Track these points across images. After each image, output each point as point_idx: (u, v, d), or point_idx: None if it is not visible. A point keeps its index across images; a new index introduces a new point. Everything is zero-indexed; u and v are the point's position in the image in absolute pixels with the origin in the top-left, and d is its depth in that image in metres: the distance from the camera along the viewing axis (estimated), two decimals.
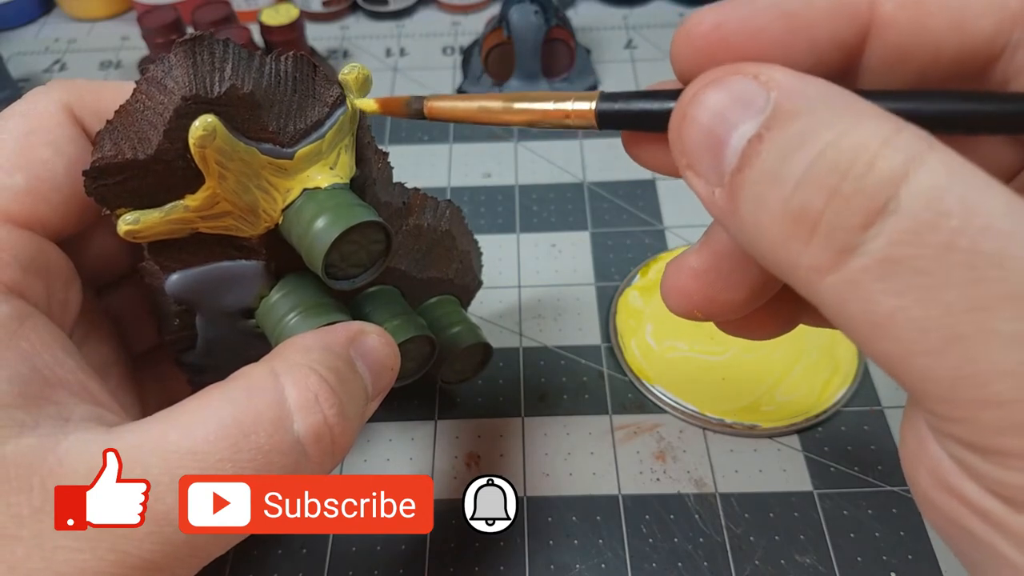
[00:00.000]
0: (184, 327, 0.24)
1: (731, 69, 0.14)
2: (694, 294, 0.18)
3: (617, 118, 0.16)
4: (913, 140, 0.12)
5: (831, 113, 0.13)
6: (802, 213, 0.12)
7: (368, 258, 0.23)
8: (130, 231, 0.21)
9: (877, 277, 0.12)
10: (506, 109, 0.17)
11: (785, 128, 0.13)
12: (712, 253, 0.17)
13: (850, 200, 0.12)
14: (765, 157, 0.13)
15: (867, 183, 0.12)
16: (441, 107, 0.19)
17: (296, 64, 0.21)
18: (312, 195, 0.22)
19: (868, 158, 0.12)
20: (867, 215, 0.12)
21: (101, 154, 0.20)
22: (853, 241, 0.12)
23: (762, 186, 0.13)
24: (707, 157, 0.14)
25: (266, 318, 0.24)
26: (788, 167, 0.12)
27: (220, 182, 0.20)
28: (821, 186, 0.12)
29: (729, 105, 0.13)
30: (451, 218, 0.28)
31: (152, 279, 0.23)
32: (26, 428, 0.17)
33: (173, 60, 0.19)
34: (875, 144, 0.12)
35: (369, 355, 0.22)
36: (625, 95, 0.16)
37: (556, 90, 0.49)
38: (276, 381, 0.19)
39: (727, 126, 0.13)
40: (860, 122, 0.12)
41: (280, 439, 0.18)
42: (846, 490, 0.30)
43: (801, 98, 0.13)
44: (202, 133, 0.19)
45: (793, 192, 0.12)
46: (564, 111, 0.17)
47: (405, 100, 0.20)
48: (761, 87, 0.13)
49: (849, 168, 0.12)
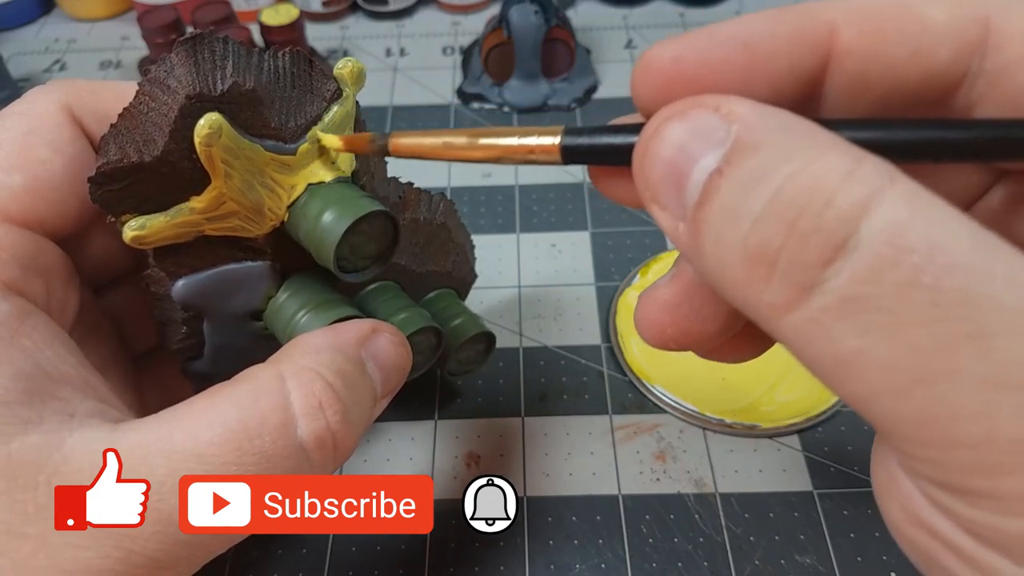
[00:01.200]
0: (191, 334, 0.24)
1: (691, 102, 0.14)
2: (667, 327, 0.17)
3: (582, 153, 0.16)
4: (874, 173, 0.12)
5: (791, 146, 0.12)
6: (761, 251, 0.12)
7: (376, 249, 0.23)
8: (136, 237, 0.21)
9: (839, 316, 0.12)
10: (470, 145, 0.17)
11: (744, 162, 0.12)
12: (683, 285, 0.17)
13: (808, 237, 0.12)
14: (724, 192, 0.13)
15: (826, 219, 0.11)
16: (405, 144, 0.19)
17: (293, 60, 0.21)
18: (317, 190, 0.22)
19: (827, 193, 0.12)
20: (827, 252, 0.11)
21: (106, 159, 0.19)
22: (813, 279, 0.12)
23: (722, 222, 0.13)
24: (670, 191, 0.14)
25: (275, 318, 0.24)
26: (746, 203, 0.12)
27: (226, 181, 0.20)
28: (779, 223, 0.12)
29: (690, 139, 0.13)
30: (445, 211, 0.28)
31: (158, 286, 0.23)
32: (31, 425, 0.17)
33: (175, 60, 0.19)
34: (835, 178, 0.12)
35: (380, 355, 0.22)
36: (589, 130, 0.16)
37: (556, 89, 0.49)
38: (282, 385, 0.19)
39: (688, 160, 0.13)
40: (820, 155, 0.12)
41: (284, 444, 0.18)
42: (846, 490, 0.30)
43: (761, 131, 0.13)
44: (208, 131, 0.19)
45: (751, 229, 0.12)
46: (528, 146, 0.16)
47: (369, 137, 0.20)
48: (722, 120, 0.13)
49: (807, 204, 0.12)
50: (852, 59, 0.14)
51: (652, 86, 0.15)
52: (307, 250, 0.22)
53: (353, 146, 0.21)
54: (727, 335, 0.18)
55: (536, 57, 0.48)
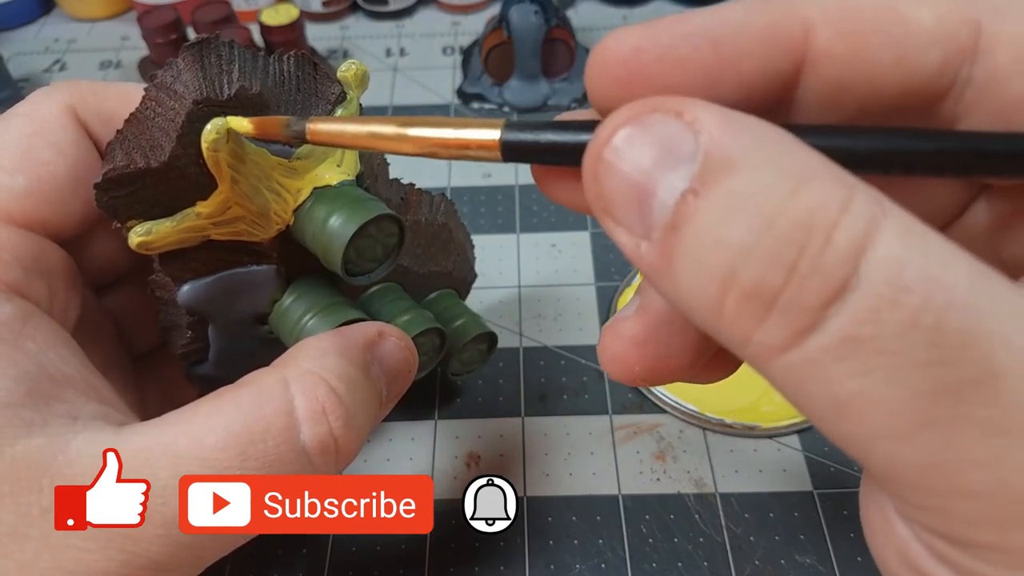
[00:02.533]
0: (196, 338, 0.24)
1: (651, 105, 0.12)
2: (635, 364, 0.16)
3: (524, 150, 0.14)
4: (868, 204, 0.11)
5: (773, 167, 0.11)
6: (757, 289, 0.11)
7: (383, 252, 0.23)
8: (142, 243, 0.20)
9: (838, 357, 0.11)
10: (399, 136, 0.15)
11: (723, 184, 0.11)
12: (651, 320, 0.16)
13: (808, 279, 0.11)
14: (704, 218, 0.11)
15: (826, 260, 0.11)
16: (325, 130, 0.17)
17: (298, 64, 0.21)
18: (323, 193, 0.22)
19: (826, 230, 0.11)
20: (827, 294, 0.11)
21: (113, 165, 0.19)
22: (813, 320, 0.11)
23: (704, 249, 0.12)
24: (630, 206, 0.12)
25: (281, 322, 0.24)
26: (733, 233, 0.11)
27: (233, 186, 0.20)
28: (778, 261, 0.11)
29: (652, 150, 0.12)
30: (446, 212, 0.29)
31: (163, 291, 0.23)
32: (35, 427, 0.17)
33: (181, 64, 0.19)
34: (832, 212, 0.11)
35: (386, 359, 0.22)
36: (533, 125, 0.14)
37: (556, 89, 0.49)
38: (286, 389, 0.19)
39: (651, 176, 0.12)
40: (810, 182, 0.11)
41: (287, 449, 0.18)
42: (846, 490, 0.30)
43: (734, 146, 0.11)
44: (215, 136, 0.19)
45: (745, 263, 0.11)
46: (464, 140, 0.15)
47: (284, 121, 0.18)
48: (687, 128, 0.12)
49: (807, 243, 0.11)
50: (829, 63, 0.13)
51: (608, 79, 0.13)
52: (313, 254, 0.22)
53: (264, 130, 0.18)
54: (697, 366, 0.17)
55: (536, 57, 0.48)
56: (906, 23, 0.13)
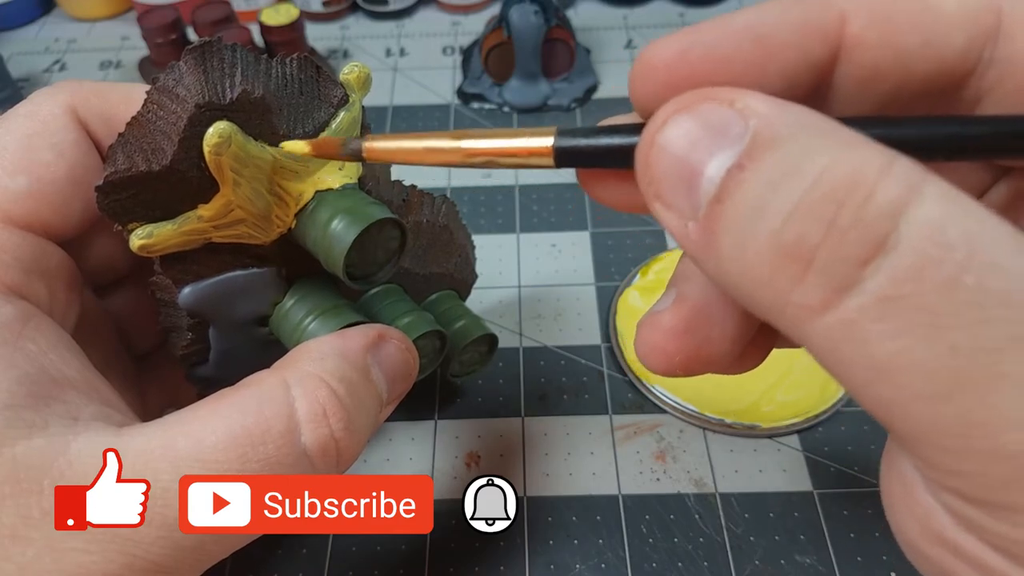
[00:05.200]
0: (197, 340, 0.24)
1: (702, 95, 0.13)
2: (674, 355, 0.16)
3: (576, 155, 0.15)
4: (909, 170, 0.11)
5: (817, 141, 0.12)
6: (796, 247, 0.11)
7: (385, 255, 0.23)
8: (144, 246, 0.20)
9: (876, 317, 0.11)
10: (454, 149, 0.16)
11: (769, 156, 0.12)
12: (688, 310, 0.16)
13: (848, 234, 0.11)
14: (749, 186, 0.12)
15: (866, 215, 0.11)
16: (381, 148, 0.17)
17: (301, 66, 0.21)
18: (325, 197, 0.22)
19: (867, 188, 0.11)
20: (866, 250, 0.11)
21: (114, 168, 0.19)
22: (852, 277, 0.11)
23: (747, 218, 0.12)
24: (678, 188, 0.13)
25: (281, 325, 0.24)
26: (777, 197, 0.12)
27: (234, 189, 0.20)
28: (816, 218, 0.11)
29: (703, 133, 0.12)
30: (447, 213, 0.28)
31: (164, 293, 0.23)
32: (36, 428, 0.17)
33: (183, 68, 0.19)
34: (872, 173, 0.11)
35: (387, 362, 0.22)
36: (584, 131, 0.15)
37: (556, 89, 0.49)
38: (287, 392, 0.19)
39: (701, 155, 0.12)
40: (851, 150, 0.12)
41: (288, 451, 0.18)
42: (846, 490, 0.30)
43: (782, 126, 0.12)
44: (217, 140, 0.19)
45: (784, 224, 0.11)
46: (518, 149, 0.15)
47: (340, 141, 0.18)
48: (737, 114, 0.12)
49: (846, 199, 0.11)
50: (862, 50, 0.14)
51: (654, 84, 0.14)
52: (315, 257, 0.22)
53: (322, 151, 0.19)
54: (734, 355, 0.17)
55: (536, 57, 0.48)
56: (932, 9, 0.14)
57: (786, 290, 0.12)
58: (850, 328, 0.11)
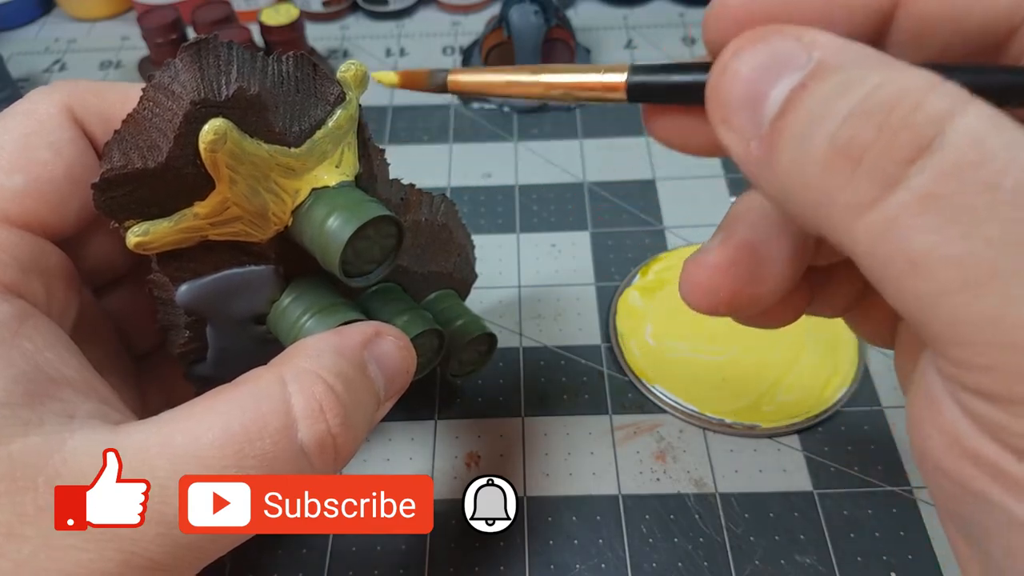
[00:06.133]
0: (195, 338, 0.24)
1: (773, 29, 0.14)
2: (720, 289, 0.18)
3: (648, 90, 0.16)
4: (955, 90, 0.12)
5: (874, 66, 0.13)
6: (848, 147, 0.12)
7: (381, 253, 0.23)
8: (140, 243, 0.20)
9: (918, 212, 0.12)
10: (533, 82, 0.17)
11: (828, 78, 0.13)
12: (734, 248, 0.17)
13: (897, 134, 0.12)
14: (810, 100, 0.13)
15: (914, 120, 0.12)
16: (465, 80, 0.18)
17: (297, 64, 0.21)
18: (321, 194, 0.22)
19: (915, 99, 0.12)
20: (913, 149, 0.12)
21: (110, 165, 0.19)
22: (898, 175, 0.12)
23: (805, 127, 0.13)
24: (745, 109, 0.14)
25: (279, 322, 0.24)
26: (834, 106, 0.13)
27: (231, 187, 0.20)
28: (869, 121, 0.12)
29: (772, 61, 0.14)
30: (446, 212, 0.28)
31: (161, 291, 0.23)
32: (31, 426, 0.17)
33: (179, 65, 0.19)
34: (921, 89, 0.12)
35: (384, 359, 0.22)
36: (655, 67, 0.16)
37: None
38: (283, 388, 0.19)
39: (769, 79, 0.14)
40: (905, 71, 0.13)
41: (285, 447, 0.18)
42: (846, 490, 0.30)
43: (844, 55, 0.13)
44: (213, 137, 0.19)
45: (839, 127, 0.12)
46: (594, 83, 0.16)
47: (427, 73, 0.19)
48: (803, 48, 0.13)
49: (896, 106, 0.12)
50: (920, 2, 0.15)
51: (727, 23, 0.15)
52: (312, 254, 0.22)
53: (409, 82, 0.20)
54: (775, 298, 0.18)
55: (536, 57, 0.48)
56: None
57: (837, 189, 0.13)
58: (893, 224, 0.12)
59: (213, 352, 0.25)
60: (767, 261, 0.17)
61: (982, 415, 0.13)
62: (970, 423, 0.13)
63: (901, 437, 0.32)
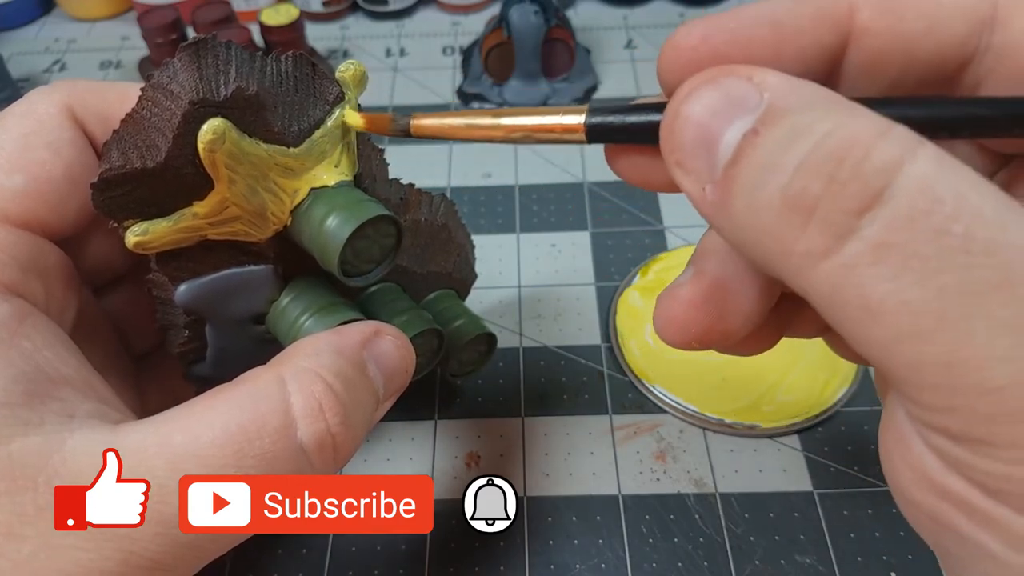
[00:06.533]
0: (194, 338, 0.24)
1: (724, 70, 0.14)
2: (691, 325, 0.18)
3: (606, 131, 0.16)
4: (905, 135, 0.12)
5: (824, 110, 0.13)
6: (799, 199, 0.12)
7: (380, 253, 0.23)
8: (139, 243, 0.20)
9: (872, 261, 0.12)
10: (494, 126, 0.17)
11: (781, 123, 0.13)
12: (706, 284, 0.17)
13: (846, 186, 0.12)
14: (761, 149, 0.13)
15: (863, 171, 0.12)
16: (427, 124, 0.19)
17: (296, 64, 0.21)
18: (320, 194, 0.22)
19: (864, 148, 0.12)
20: (863, 201, 0.12)
21: (109, 165, 0.19)
22: (849, 226, 0.12)
23: (758, 175, 0.13)
24: (699, 153, 0.14)
25: (278, 322, 0.24)
26: (785, 156, 0.13)
27: (229, 186, 0.20)
28: (819, 173, 0.12)
29: (723, 104, 0.14)
30: (446, 212, 0.28)
31: (160, 291, 0.23)
32: (31, 426, 0.17)
33: (178, 65, 0.19)
34: (870, 136, 0.12)
35: (383, 358, 0.22)
36: (612, 108, 0.16)
37: (556, 89, 0.49)
38: (282, 387, 0.19)
39: (720, 123, 0.14)
40: (854, 117, 0.13)
41: (284, 446, 0.18)
42: (846, 490, 0.30)
43: (794, 98, 0.13)
44: (212, 137, 0.19)
45: (790, 179, 0.13)
46: (553, 125, 0.17)
47: (390, 117, 0.20)
48: (754, 88, 0.13)
49: (846, 157, 0.12)
50: (870, 37, 0.15)
51: (680, 65, 0.15)
52: (311, 254, 0.22)
53: (374, 125, 0.21)
54: (748, 330, 0.18)
55: (536, 57, 0.48)
56: None
57: (791, 239, 0.13)
58: (848, 272, 0.12)
59: (212, 352, 0.25)
60: (737, 296, 0.17)
61: (947, 453, 0.13)
62: (937, 459, 0.13)
63: None
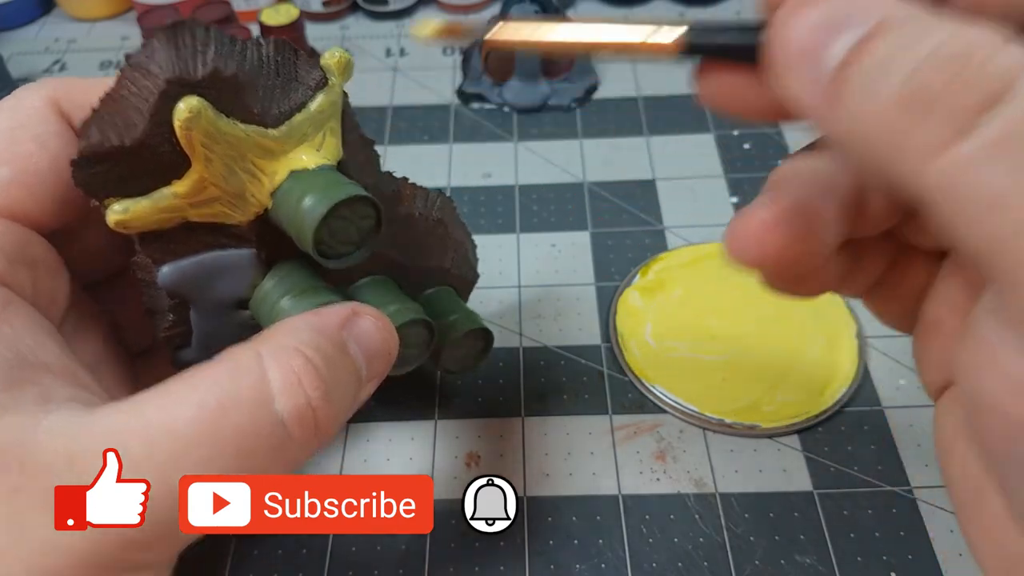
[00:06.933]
0: (179, 322, 0.24)
1: None
2: (768, 244, 0.18)
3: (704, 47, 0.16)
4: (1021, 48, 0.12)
5: (940, 19, 0.13)
6: (918, 94, 0.13)
7: (359, 235, 0.23)
8: (120, 221, 0.21)
9: (991, 156, 0.12)
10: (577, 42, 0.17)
11: (898, 29, 0.13)
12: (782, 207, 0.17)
13: (969, 84, 0.12)
14: (879, 51, 0.13)
15: (986, 72, 0.12)
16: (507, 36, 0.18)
17: (278, 48, 0.21)
18: (299, 175, 0.22)
19: (985, 52, 0.12)
20: (984, 100, 0.12)
21: (87, 142, 0.20)
22: (969, 122, 0.12)
23: (874, 73, 0.13)
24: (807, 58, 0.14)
25: (260, 306, 0.24)
26: (905, 56, 0.13)
27: (207, 166, 0.21)
28: (940, 71, 0.12)
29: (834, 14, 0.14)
30: (442, 207, 0.29)
31: (144, 273, 0.23)
32: (7, 410, 0.17)
33: (156, 44, 0.19)
34: (991, 43, 0.12)
35: (363, 337, 0.22)
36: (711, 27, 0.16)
37: (556, 89, 0.49)
38: (260, 362, 0.19)
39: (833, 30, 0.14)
40: (970, 28, 0.13)
41: (262, 420, 0.18)
42: (846, 490, 0.30)
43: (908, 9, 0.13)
44: (187, 115, 0.19)
45: (910, 76, 0.13)
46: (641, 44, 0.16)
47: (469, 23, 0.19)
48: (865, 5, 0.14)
49: (968, 59, 0.12)
50: None
51: None
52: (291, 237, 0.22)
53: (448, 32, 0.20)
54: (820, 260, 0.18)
55: (536, 57, 0.48)
56: None
57: (908, 133, 0.13)
58: (966, 166, 0.12)
59: (198, 337, 0.25)
60: (815, 221, 0.17)
61: None
62: None
63: (901, 437, 0.32)
